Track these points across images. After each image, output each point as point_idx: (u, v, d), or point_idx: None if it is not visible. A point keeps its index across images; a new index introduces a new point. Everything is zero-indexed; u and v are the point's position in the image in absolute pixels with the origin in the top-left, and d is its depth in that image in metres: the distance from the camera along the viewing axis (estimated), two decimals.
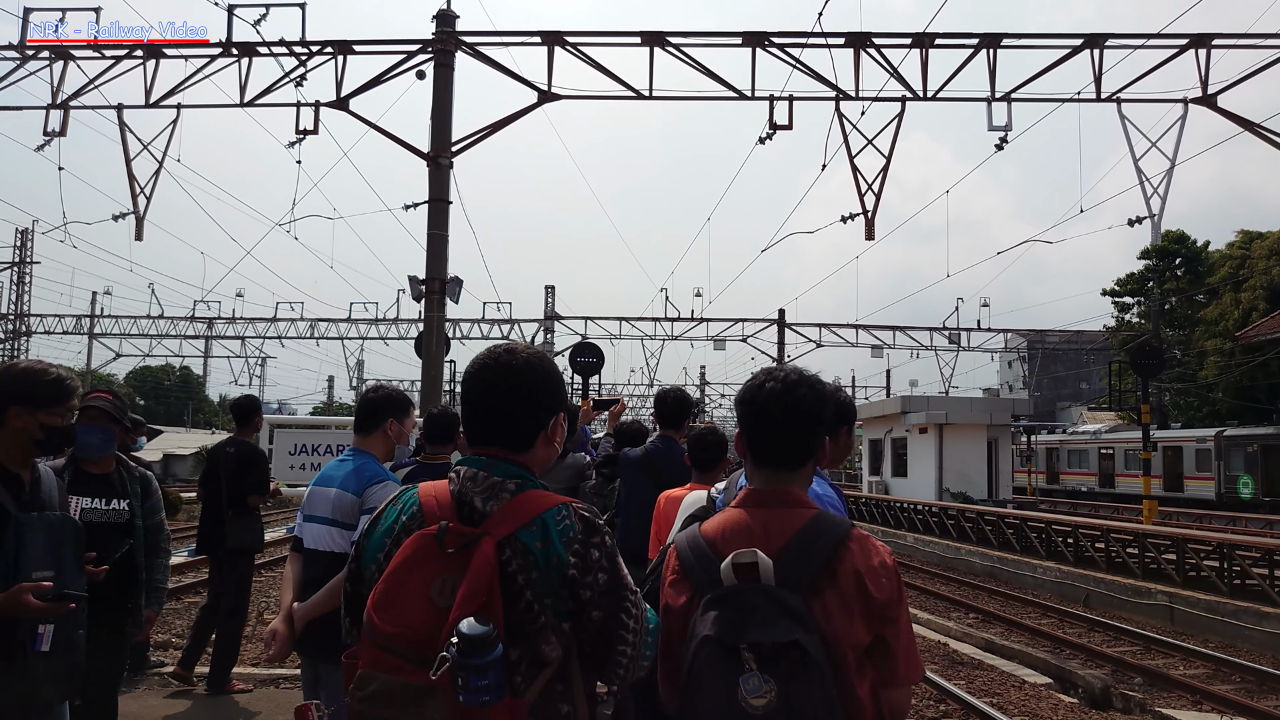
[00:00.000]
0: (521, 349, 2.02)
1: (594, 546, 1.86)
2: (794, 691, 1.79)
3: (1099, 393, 56.38)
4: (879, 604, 1.97)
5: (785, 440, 2.13)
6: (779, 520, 2.04)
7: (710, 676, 1.85)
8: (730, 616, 1.87)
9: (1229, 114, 15.39)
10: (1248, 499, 30.96)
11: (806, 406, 2.12)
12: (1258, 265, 39.08)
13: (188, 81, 15.79)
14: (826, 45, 15.33)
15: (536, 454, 2.01)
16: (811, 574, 1.94)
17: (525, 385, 1.97)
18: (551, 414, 2.02)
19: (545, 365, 2.02)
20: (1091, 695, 9.47)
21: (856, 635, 1.94)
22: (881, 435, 34.26)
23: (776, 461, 2.13)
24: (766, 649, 1.81)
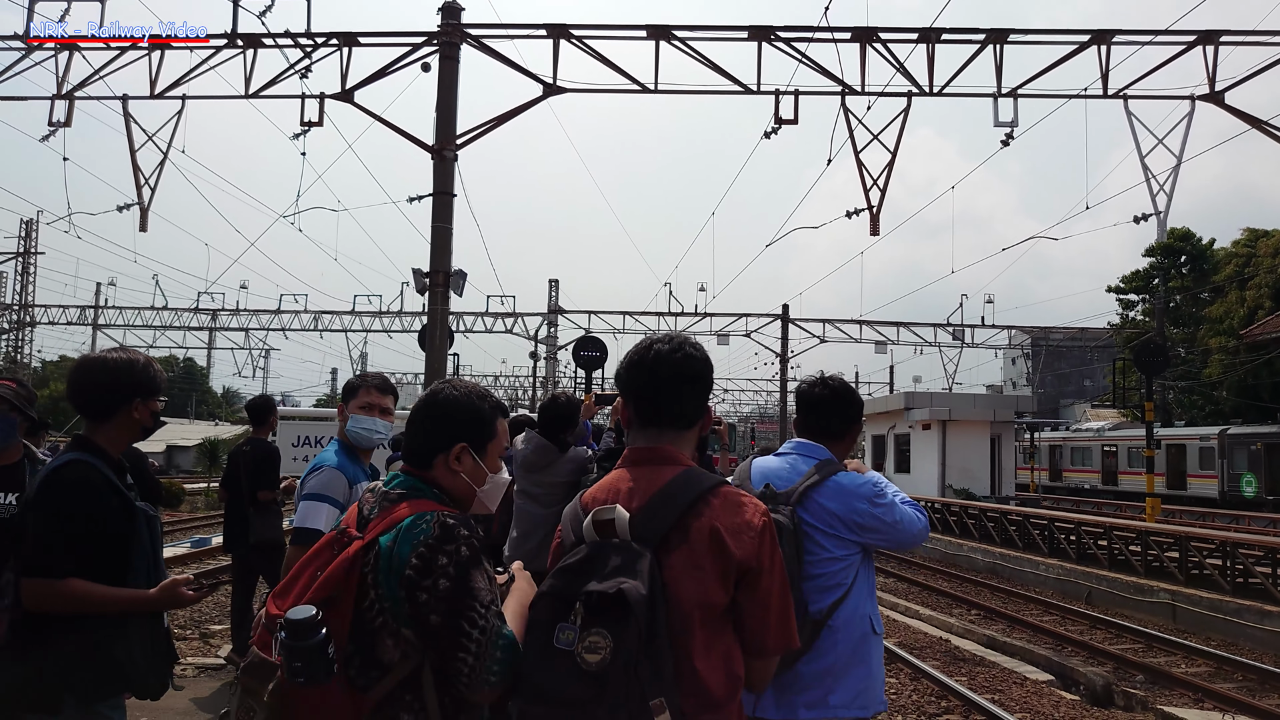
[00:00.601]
0: (461, 386, 2.24)
1: (443, 553, 1.91)
2: (622, 646, 1.77)
3: (1103, 390, 56.32)
4: (738, 561, 1.93)
5: (670, 400, 2.15)
6: (647, 477, 2.05)
7: (534, 631, 1.89)
8: (575, 569, 1.89)
9: (1236, 111, 15.33)
10: (1251, 497, 30.92)
11: (695, 367, 2.16)
12: (1263, 263, 38.98)
13: (193, 73, 15.78)
14: (833, 40, 15.29)
15: (438, 474, 2.16)
16: (665, 529, 1.94)
17: (434, 413, 2.19)
18: (452, 442, 2.15)
19: (459, 402, 2.19)
20: (1093, 693, 9.46)
21: (709, 594, 1.92)
22: (885, 431, 34.25)
23: (660, 421, 2.15)
24: (594, 601, 1.80)
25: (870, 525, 3.01)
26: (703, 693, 1.91)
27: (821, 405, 3.27)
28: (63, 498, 2.71)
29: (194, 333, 45.80)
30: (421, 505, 2.02)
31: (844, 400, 3.29)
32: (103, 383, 2.89)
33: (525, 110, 15.43)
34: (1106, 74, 15.30)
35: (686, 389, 2.16)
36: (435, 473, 2.16)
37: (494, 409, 2.25)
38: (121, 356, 2.96)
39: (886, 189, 15.54)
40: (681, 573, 1.91)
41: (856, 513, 3.00)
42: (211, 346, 52.77)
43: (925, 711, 8.35)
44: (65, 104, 15.91)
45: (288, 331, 43.98)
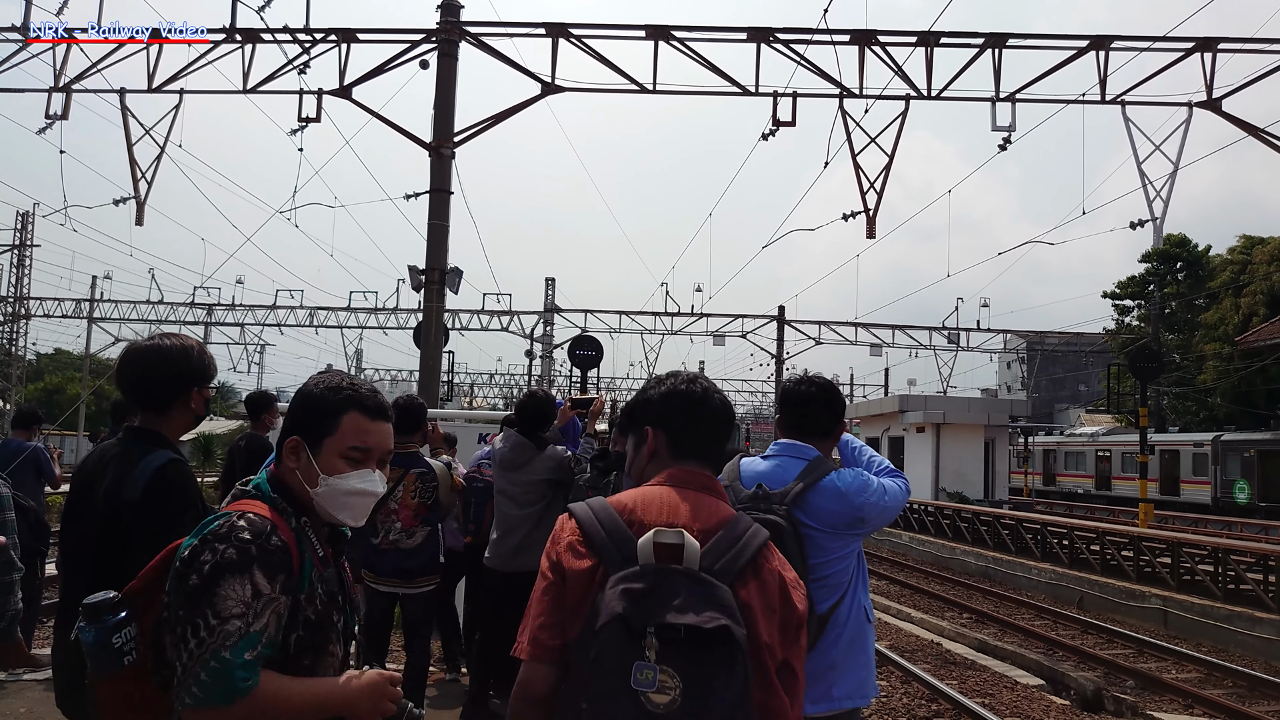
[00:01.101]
0: (323, 375, 2.12)
1: (210, 549, 1.78)
2: (710, 689, 1.62)
3: (1097, 395, 56.41)
4: (797, 618, 1.87)
5: (720, 441, 2.13)
6: (706, 506, 1.92)
7: (610, 663, 1.65)
8: (644, 596, 1.68)
9: (1233, 118, 15.36)
10: (1244, 504, 30.97)
11: (730, 410, 2.18)
12: (1259, 270, 39.05)
13: (190, 67, 15.75)
14: (832, 42, 15.30)
15: (284, 471, 2.03)
16: (743, 566, 1.81)
17: (292, 403, 2.10)
18: (288, 434, 2.04)
19: (302, 390, 2.08)
20: (1083, 697, 9.48)
21: (775, 640, 1.81)
22: (879, 434, 34.27)
23: (700, 457, 2.06)
24: (677, 637, 1.63)
25: (869, 517, 3.07)
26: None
27: (809, 402, 3.28)
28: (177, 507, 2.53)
29: (189, 327, 45.65)
30: (242, 505, 1.91)
31: (830, 397, 3.31)
32: (162, 373, 2.72)
33: (523, 109, 15.42)
34: (1105, 80, 15.32)
35: (727, 434, 2.15)
36: (282, 469, 2.03)
37: (344, 401, 2.02)
38: (176, 344, 2.81)
39: (883, 192, 15.55)
40: (759, 611, 1.79)
41: (855, 508, 3.03)
42: (207, 341, 52.62)
43: (915, 715, 8.36)
44: (62, 97, 15.87)
45: (283, 327, 43.97)
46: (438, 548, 5.98)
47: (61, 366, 70.41)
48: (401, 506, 5.63)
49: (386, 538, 5.63)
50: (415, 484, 5.67)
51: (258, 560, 1.78)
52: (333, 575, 2.00)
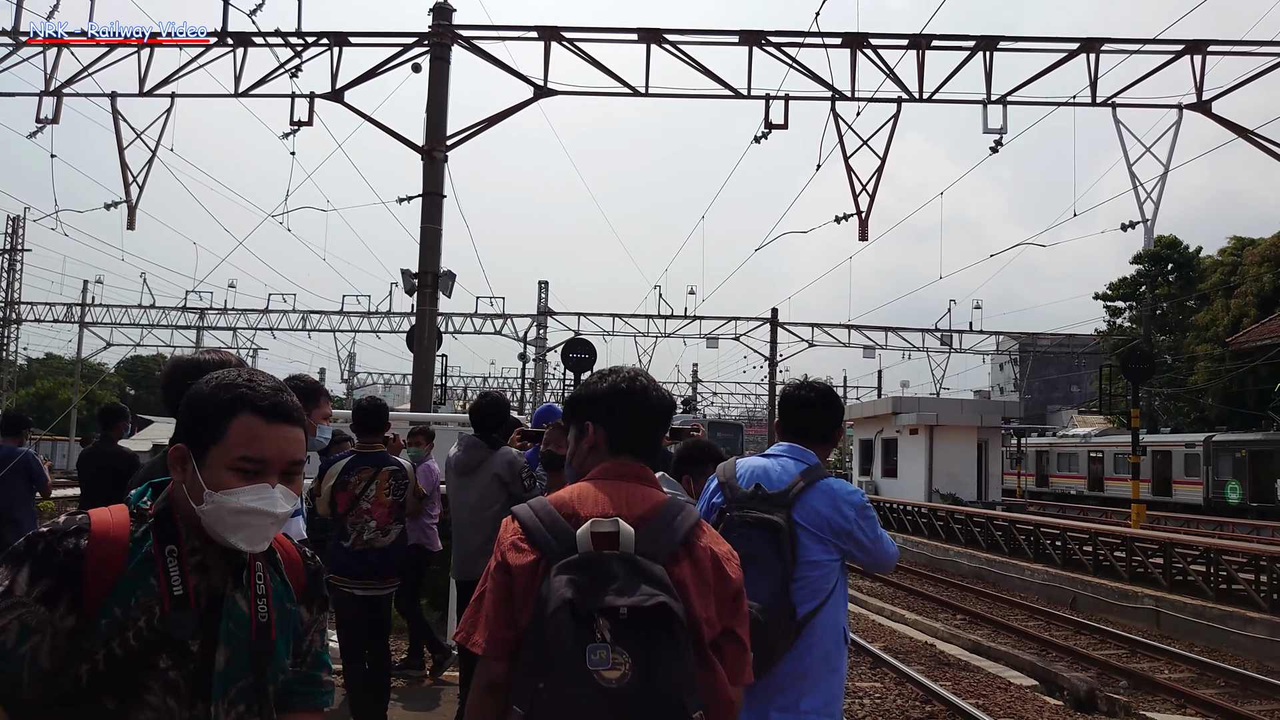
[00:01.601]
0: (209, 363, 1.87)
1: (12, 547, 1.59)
2: (656, 661, 1.73)
3: (1089, 396, 56.55)
4: (733, 589, 1.99)
5: (655, 436, 2.22)
6: (639, 494, 2.05)
7: (563, 646, 1.75)
8: (586, 582, 1.80)
9: (1223, 120, 15.42)
10: (1235, 504, 31.09)
11: (670, 406, 2.25)
12: (1249, 272, 39.20)
13: (182, 71, 15.73)
14: (823, 45, 15.33)
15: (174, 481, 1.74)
16: (675, 547, 1.94)
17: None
18: (174, 439, 1.74)
19: (191, 389, 1.73)
20: (1077, 698, 9.50)
21: (710, 611, 1.94)
22: (872, 436, 34.32)
23: (637, 451, 2.17)
24: (622, 618, 1.74)
25: (854, 534, 3.03)
26: (713, 711, 1.89)
27: (808, 407, 3.31)
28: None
29: (181, 331, 45.65)
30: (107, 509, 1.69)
31: (829, 402, 3.35)
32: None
33: (516, 112, 15.42)
34: (1095, 82, 15.38)
35: (664, 429, 2.24)
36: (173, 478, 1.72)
37: (234, 401, 1.68)
38: (213, 358, 2.88)
39: (876, 194, 15.58)
40: (693, 588, 1.92)
41: (844, 518, 3.02)
42: (199, 346, 52.53)
43: (909, 716, 8.37)
44: (53, 100, 15.84)
45: (276, 331, 43.94)
46: (406, 545, 6.05)
47: (53, 371, 70.17)
48: (375, 504, 5.64)
49: (360, 538, 5.60)
50: (389, 481, 5.69)
51: (30, 558, 1.53)
52: (187, 618, 1.61)
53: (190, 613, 1.62)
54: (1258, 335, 33.00)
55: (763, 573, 2.89)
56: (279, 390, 1.73)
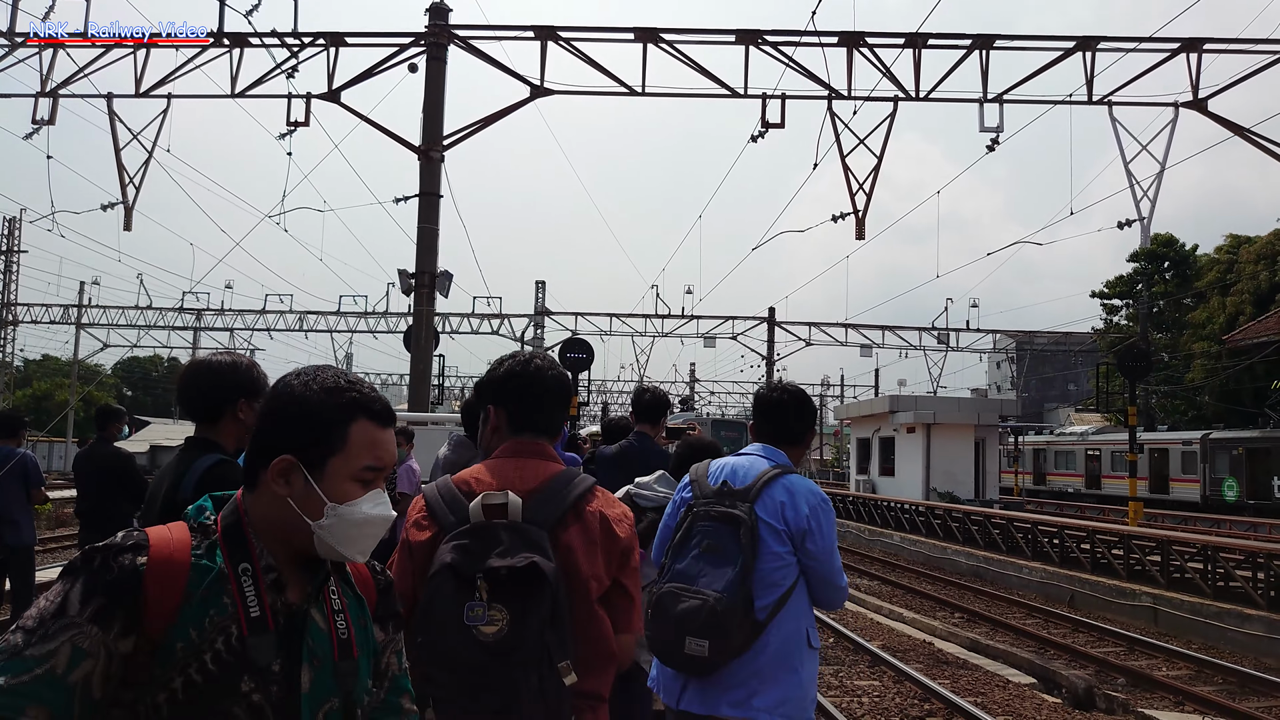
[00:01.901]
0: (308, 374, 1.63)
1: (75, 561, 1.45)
2: (527, 614, 1.91)
3: (1086, 394, 56.64)
4: (622, 545, 2.20)
5: (548, 414, 2.38)
6: (532, 469, 2.24)
7: (442, 605, 1.94)
8: (470, 547, 1.98)
9: (1219, 118, 15.45)
10: (1232, 502, 31.12)
11: (566, 386, 2.42)
12: (1245, 269, 39.27)
13: (178, 71, 15.73)
14: (820, 44, 15.35)
15: (258, 498, 1.60)
16: (560, 513, 2.14)
17: (264, 410, 1.61)
18: (271, 452, 1.58)
19: (292, 396, 1.59)
20: (1075, 696, 9.51)
21: (599, 570, 2.15)
22: (869, 434, 34.33)
23: (535, 430, 2.35)
24: (501, 577, 1.91)
25: (810, 533, 3.07)
26: (594, 657, 2.13)
27: (780, 408, 3.41)
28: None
29: (178, 332, 45.60)
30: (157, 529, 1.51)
31: (800, 404, 3.44)
32: (209, 385, 2.95)
33: (512, 112, 15.44)
34: (1091, 80, 15.41)
35: (558, 403, 2.39)
36: (259, 496, 1.55)
37: (351, 406, 1.57)
38: (225, 359, 3.03)
39: (872, 193, 15.61)
40: (580, 549, 2.12)
41: (799, 514, 3.07)
42: (196, 346, 52.43)
43: (908, 714, 8.37)
44: (49, 102, 15.83)
45: (273, 332, 43.88)
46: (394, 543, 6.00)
47: (50, 373, 70.11)
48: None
49: None
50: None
51: (84, 573, 1.39)
52: (266, 640, 1.48)
53: (269, 635, 1.49)
54: (1254, 333, 33.07)
55: (723, 562, 2.97)
56: (377, 391, 1.66)
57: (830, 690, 9.07)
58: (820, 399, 70.45)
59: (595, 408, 59.38)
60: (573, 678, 1.96)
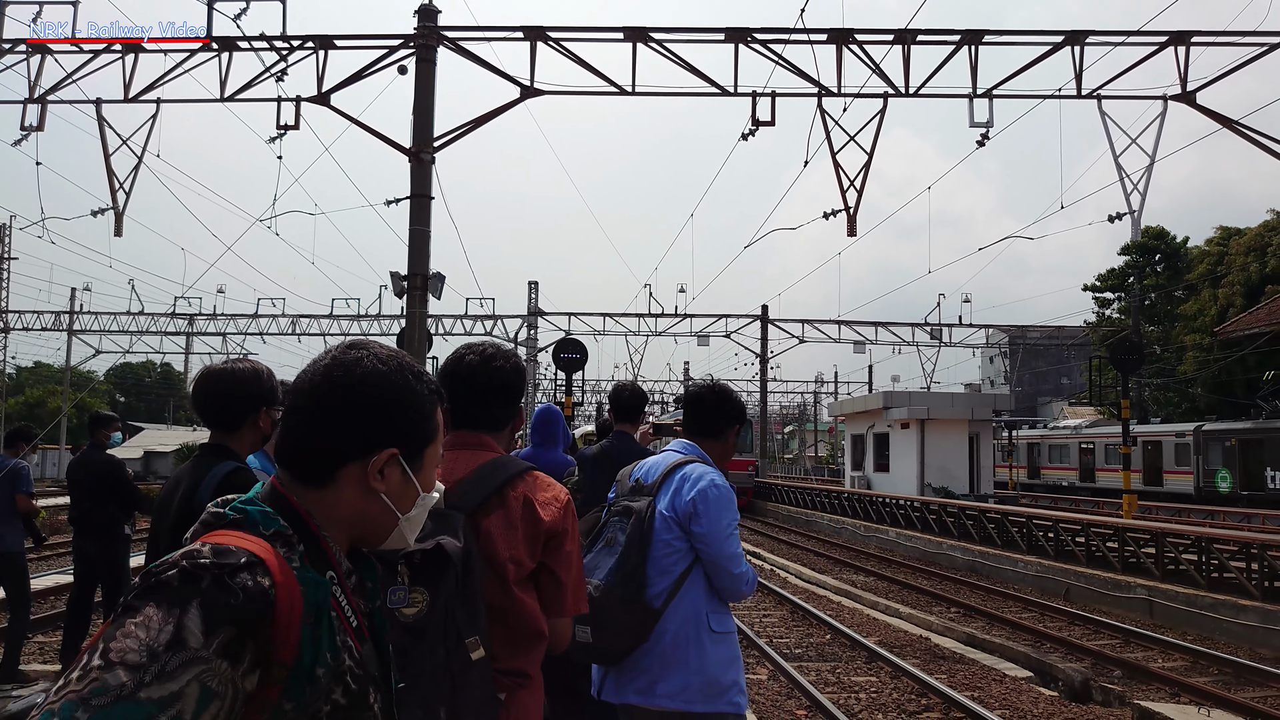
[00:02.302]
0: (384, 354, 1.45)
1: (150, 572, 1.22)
2: (439, 594, 1.97)
3: (1079, 388, 56.79)
4: (543, 529, 2.23)
5: (481, 409, 2.40)
6: (465, 459, 2.31)
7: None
8: None
9: (1208, 111, 15.50)
10: (1226, 493, 31.24)
11: (504, 378, 2.42)
12: (1235, 261, 39.40)
13: (167, 76, 15.69)
14: (809, 41, 15.37)
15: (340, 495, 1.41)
16: (482, 499, 2.20)
17: (348, 398, 1.40)
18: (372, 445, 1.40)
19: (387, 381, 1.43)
20: (1071, 688, 9.53)
21: (519, 552, 2.21)
22: (864, 430, 34.38)
23: (474, 425, 2.39)
24: (415, 561, 1.96)
25: (695, 517, 3.13)
26: (513, 637, 2.20)
27: (699, 404, 3.51)
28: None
29: (171, 338, 45.50)
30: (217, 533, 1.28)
31: (722, 400, 3.52)
32: (231, 393, 2.94)
33: (503, 112, 15.42)
34: (1080, 74, 15.45)
35: (495, 399, 2.41)
36: (334, 492, 1.38)
37: (436, 394, 1.50)
38: (246, 367, 3.01)
39: (863, 190, 15.62)
40: (499, 532, 2.19)
41: (683, 499, 3.16)
42: (189, 351, 52.43)
43: (906, 709, 8.39)
44: (38, 108, 15.79)
45: (265, 335, 43.77)
46: None
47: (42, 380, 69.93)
48: None
49: None
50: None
51: (202, 596, 1.15)
52: (369, 648, 1.38)
53: (369, 642, 1.39)
54: (1245, 324, 33.20)
55: (612, 554, 3.08)
56: None
57: (828, 686, 9.08)
58: (814, 396, 70.54)
59: (590, 408, 59.37)
60: (480, 652, 2.01)
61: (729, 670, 3.14)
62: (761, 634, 11.70)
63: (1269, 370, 32.80)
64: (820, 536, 27.91)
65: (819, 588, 16.36)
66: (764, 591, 15.56)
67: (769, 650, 10.40)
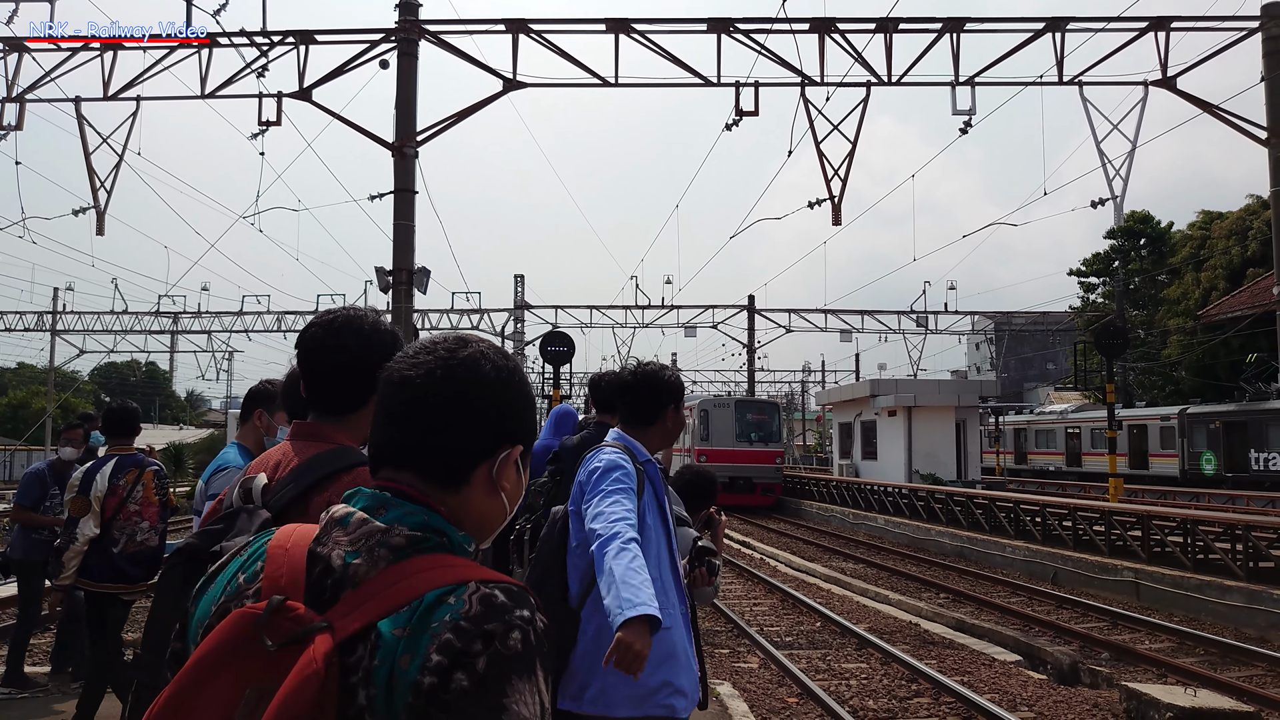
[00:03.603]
0: (491, 350, 1.32)
1: (481, 638, 1.03)
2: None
3: (1065, 373, 57.09)
4: None
5: (320, 389, 2.01)
6: (299, 452, 1.97)
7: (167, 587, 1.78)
8: (214, 531, 1.81)
9: (1188, 96, 15.58)
10: (1210, 475, 31.46)
11: (344, 358, 1.97)
12: (1218, 245, 39.64)
13: (147, 73, 15.58)
14: (791, 31, 15.38)
15: (469, 496, 1.26)
16: (286, 500, 1.87)
17: (480, 395, 1.26)
18: (499, 442, 1.28)
19: (510, 379, 1.31)
20: (1060, 671, 9.61)
21: None
22: (851, 418, 34.47)
23: (320, 406, 2.02)
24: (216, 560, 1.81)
25: (585, 496, 3.00)
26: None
27: (629, 390, 3.33)
28: None
29: (155, 336, 45.19)
30: (449, 565, 1.13)
31: (652, 386, 3.32)
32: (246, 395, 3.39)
33: (485, 106, 15.38)
34: (1062, 61, 15.51)
35: (338, 379, 2.00)
36: (463, 494, 1.25)
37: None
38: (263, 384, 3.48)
39: (848, 179, 15.65)
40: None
41: (581, 487, 3.05)
42: (174, 350, 52.09)
43: (896, 695, 8.44)
44: (16, 107, 15.66)
45: (251, 333, 43.54)
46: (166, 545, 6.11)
47: (26, 381, 69.46)
48: (145, 505, 5.70)
49: (133, 540, 5.62)
50: (154, 480, 5.80)
51: (541, 650, 1.08)
52: None
53: None
54: (1228, 307, 33.41)
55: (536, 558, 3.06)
56: None
57: (819, 674, 9.13)
58: (802, 385, 70.68)
59: (579, 400, 59.38)
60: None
61: (658, 671, 2.88)
62: (752, 622, 11.74)
63: (1252, 353, 33.03)
64: (809, 524, 28.00)
65: (809, 576, 16.43)
66: (754, 580, 15.62)
67: (759, 639, 10.45)
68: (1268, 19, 15.00)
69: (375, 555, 1.12)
